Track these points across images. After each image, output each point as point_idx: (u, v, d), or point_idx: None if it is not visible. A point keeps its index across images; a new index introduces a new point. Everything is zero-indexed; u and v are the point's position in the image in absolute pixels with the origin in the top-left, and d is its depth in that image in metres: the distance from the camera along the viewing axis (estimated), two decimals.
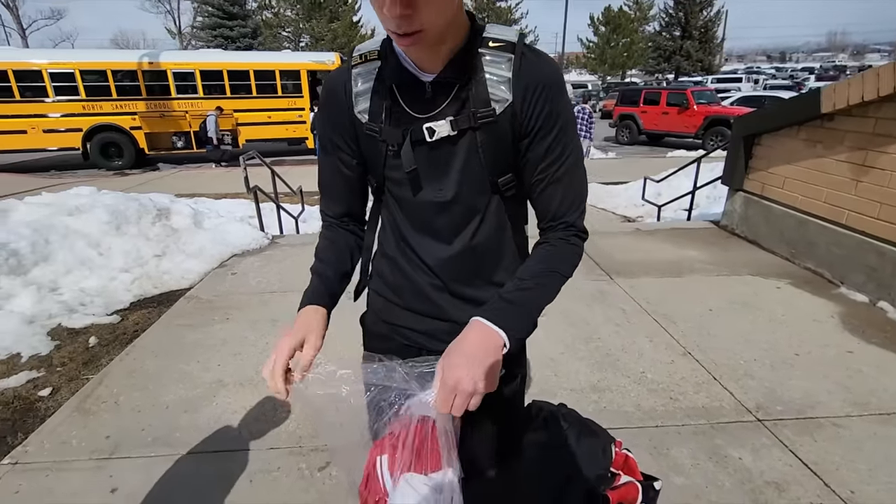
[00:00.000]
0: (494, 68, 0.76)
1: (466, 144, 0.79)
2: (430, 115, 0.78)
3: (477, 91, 0.76)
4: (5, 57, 11.21)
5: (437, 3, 0.64)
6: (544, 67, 0.76)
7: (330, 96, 0.86)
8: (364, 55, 0.82)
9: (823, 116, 3.32)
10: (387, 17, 0.65)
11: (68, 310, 3.05)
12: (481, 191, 0.83)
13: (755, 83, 29.79)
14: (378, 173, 0.86)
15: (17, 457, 1.84)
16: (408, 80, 0.78)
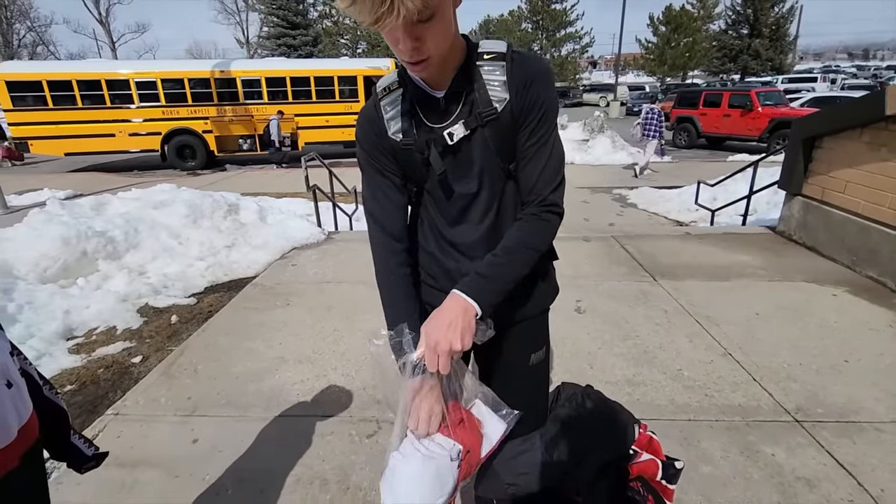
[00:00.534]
0: (491, 75, 0.91)
1: (479, 141, 0.94)
2: (446, 124, 0.93)
3: (480, 96, 0.91)
4: (99, 68, 12.50)
5: (438, 35, 0.79)
6: (532, 64, 0.91)
7: (369, 128, 1.00)
8: (387, 87, 0.98)
9: (888, 118, 3.17)
10: (401, 51, 0.80)
11: (154, 291, 3.46)
12: (498, 178, 0.98)
13: (832, 83, 27.73)
14: (417, 179, 1.02)
15: (118, 409, 2.17)
16: (425, 98, 0.94)
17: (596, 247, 4.17)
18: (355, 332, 2.82)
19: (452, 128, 0.92)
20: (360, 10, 0.73)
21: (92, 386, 2.41)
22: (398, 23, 0.73)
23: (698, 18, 37.99)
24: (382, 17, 0.72)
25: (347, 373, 2.41)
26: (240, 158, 13.52)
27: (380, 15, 0.72)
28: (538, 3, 37.94)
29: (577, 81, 40.37)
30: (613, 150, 12.12)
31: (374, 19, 0.73)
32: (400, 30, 0.76)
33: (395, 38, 0.79)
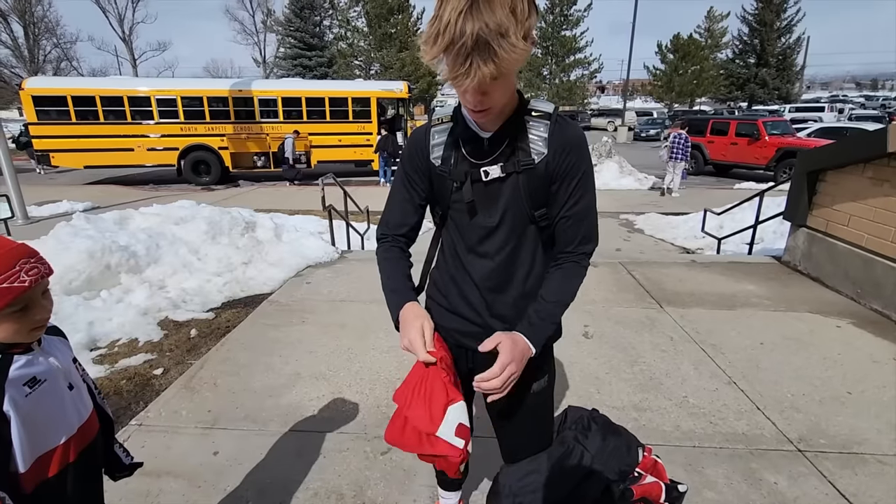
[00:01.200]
0: (535, 131, 1.05)
1: (512, 184, 1.07)
2: (485, 162, 1.07)
3: (522, 146, 1.05)
4: (122, 84, 12.92)
5: (500, 92, 0.93)
6: (571, 132, 1.06)
7: (415, 145, 1.15)
8: (441, 118, 1.13)
9: (891, 155, 3.27)
10: (467, 101, 0.94)
11: (173, 305, 3.57)
12: (521, 219, 1.10)
13: (839, 112, 27.91)
14: (444, 204, 1.15)
15: (141, 420, 2.26)
16: (472, 136, 1.08)
17: (604, 272, 4.25)
18: (368, 351, 2.90)
19: (490, 167, 1.06)
20: (442, 63, 0.86)
21: (115, 396, 2.50)
22: (471, 85, 0.86)
23: (706, 47, 38.58)
24: (459, 77, 0.84)
25: (361, 390, 2.49)
26: (254, 175, 13.80)
27: (457, 75, 0.84)
28: (548, 29, 38.74)
29: (585, 106, 40.89)
30: (621, 175, 12.25)
31: (453, 76, 0.85)
32: (470, 88, 0.88)
33: (462, 91, 0.92)
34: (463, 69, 0.83)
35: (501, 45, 0.81)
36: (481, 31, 0.79)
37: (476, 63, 0.82)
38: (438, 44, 0.83)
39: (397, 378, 2.59)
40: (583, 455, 1.39)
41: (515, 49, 0.83)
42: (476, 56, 0.81)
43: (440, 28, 0.82)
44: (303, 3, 27.17)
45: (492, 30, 0.80)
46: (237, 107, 12.93)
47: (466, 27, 0.80)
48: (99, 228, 4.13)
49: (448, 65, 0.85)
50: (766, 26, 35.76)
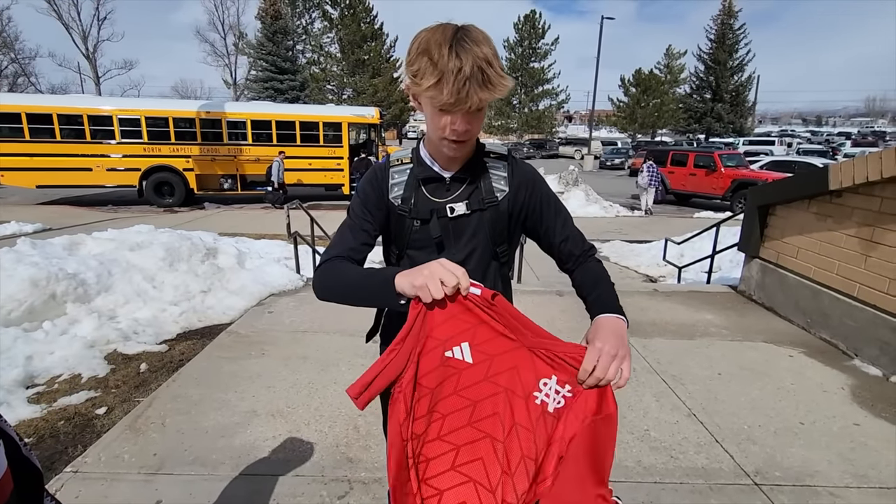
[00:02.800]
0: (495, 171, 1.14)
1: (476, 220, 1.12)
2: (447, 200, 1.11)
3: (485, 185, 1.12)
4: (82, 103, 12.53)
5: (479, 123, 1.02)
6: (527, 168, 1.18)
7: (373, 184, 1.15)
8: (400, 160, 1.16)
9: (832, 192, 3.48)
10: (453, 131, 0.98)
11: (123, 337, 3.39)
12: (484, 254, 1.14)
13: (788, 146, 29.76)
14: (402, 243, 1.15)
15: (77, 466, 2.10)
16: (433, 176, 1.12)
17: (570, 301, 4.30)
18: (330, 385, 2.81)
19: (456, 204, 1.11)
20: (441, 92, 0.91)
21: (51, 440, 2.32)
22: (469, 108, 0.93)
23: (665, 82, 40.74)
24: (459, 102, 0.91)
25: (321, 429, 2.39)
26: (219, 197, 13.49)
27: (457, 99, 0.91)
28: (517, 60, 40.13)
29: (553, 134, 42.20)
30: (587, 203, 12.60)
31: (453, 101, 0.91)
32: (461, 115, 0.96)
33: (449, 121, 0.97)
34: (463, 94, 0.90)
35: (492, 73, 0.91)
36: (474, 61, 0.89)
37: (473, 89, 0.90)
38: (435, 74, 0.90)
39: (358, 415, 2.51)
40: None
41: (504, 78, 0.93)
42: (472, 82, 0.90)
43: (433, 61, 0.90)
44: (276, 28, 27.27)
45: (483, 60, 0.90)
46: (204, 128, 12.71)
47: (461, 58, 0.89)
48: (45, 254, 3.91)
49: (445, 93, 0.91)
50: (720, 64, 38.15)
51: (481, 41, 0.92)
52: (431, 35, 0.92)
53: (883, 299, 3.08)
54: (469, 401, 0.89)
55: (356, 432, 2.37)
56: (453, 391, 0.89)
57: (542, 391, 0.89)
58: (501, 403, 0.89)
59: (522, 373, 0.89)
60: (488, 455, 0.87)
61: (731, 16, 37.72)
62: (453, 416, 0.89)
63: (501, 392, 0.89)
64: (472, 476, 0.86)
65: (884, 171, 3.00)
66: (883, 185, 3.09)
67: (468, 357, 0.89)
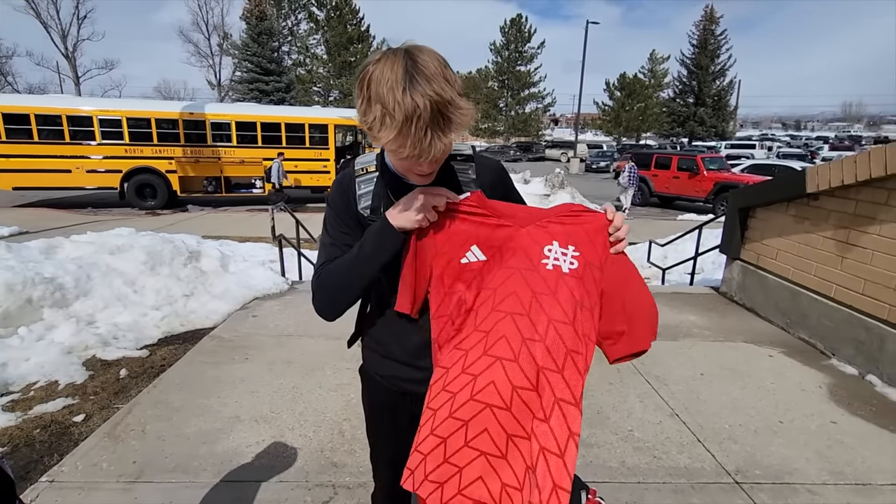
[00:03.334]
0: (463, 174, 1.12)
1: None
2: None
3: (454, 190, 1.07)
4: (61, 103, 12.27)
5: (443, 155, 0.93)
6: (492, 164, 1.18)
7: (341, 195, 1.11)
8: (365, 168, 1.11)
9: (809, 195, 3.56)
10: (415, 176, 0.99)
11: (103, 342, 3.32)
12: None
13: (769, 150, 30.41)
14: None
15: (53, 475, 2.04)
16: (401, 185, 1.06)
17: None
18: (315, 390, 2.79)
19: None
20: (403, 147, 0.84)
21: (26, 449, 2.26)
22: (432, 158, 0.87)
23: (649, 86, 41.35)
24: (423, 153, 0.85)
25: (305, 434, 2.37)
26: (203, 199, 13.31)
27: (419, 152, 0.84)
28: (504, 64, 40.39)
29: (539, 137, 42.51)
30: None
31: (413, 154, 0.85)
32: (424, 164, 0.92)
33: (413, 165, 0.94)
34: (426, 143, 0.83)
35: (452, 111, 0.84)
36: (432, 100, 0.80)
37: (437, 135, 0.83)
38: (395, 122, 0.81)
39: (343, 419, 2.50)
40: None
41: (464, 111, 0.86)
42: (434, 128, 0.82)
43: (390, 108, 0.81)
44: (261, 29, 27.04)
45: (444, 102, 0.82)
46: (188, 129, 12.54)
47: (417, 100, 0.80)
48: (21, 258, 3.82)
49: (405, 145, 0.84)
50: (702, 69, 38.82)
51: (434, 74, 0.82)
52: (380, 73, 0.83)
53: (858, 300, 3.16)
54: (490, 290, 0.99)
55: (341, 437, 2.35)
56: (478, 288, 1.00)
57: (550, 256, 0.99)
58: (516, 282, 0.98)
59: (528, 249, 1.00)
60: (510, 331, 0.94)
61: (713, 21, 38.45)
62: (482, 308, 0.98)
63: (515, 272, 0.98)
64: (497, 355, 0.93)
65: (858, 175, 3.08)
66: (858, 188, 3.18)
67: (480, 256, 1.01)
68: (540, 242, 1.00)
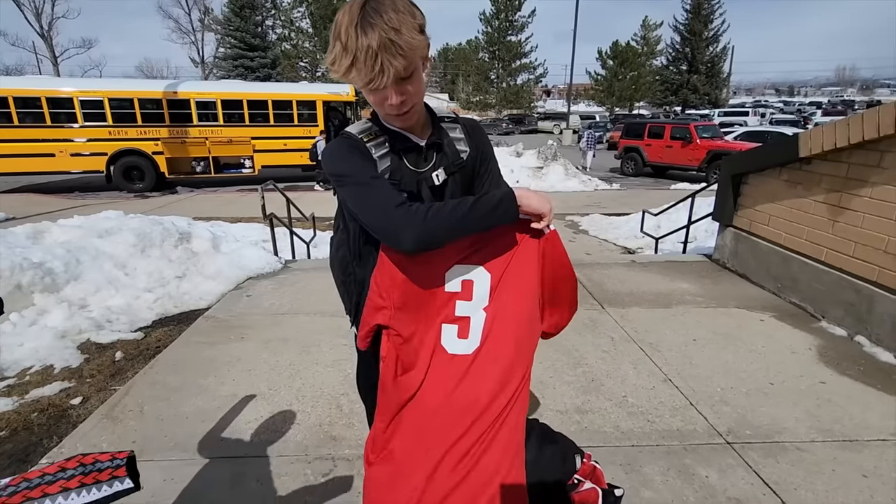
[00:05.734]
0: (454, 133, 1.21)
1: (451, 185, 1.19)
2: (428, 168, 1.15)
3: (450, 149, 1.19)
4: (39, 85, 11.90)
5: (416, 89, 1.02)
6: (476, 124, 1.27)
7: (361, 157, 1.07)
8: (370, 133, 1.12)
9: (802, 160, 3.54)
10: (391, 106, 1.00)
11: (96, 326, 3.30)
12: None
13: (762, 117, 30.22)
14: None
15: (53, 457, 2.06)
16: (411, 146, 1.14)
17: None
18: (311, 366, 2.80)
19: (436, 172, 1.15)
20: (357, 76, 0.93)
21: (24, 432, 2.27)
22: (388, 82, 0.93)
23: (642, 54, 40.67)
24: (375, 78, 0.91)
25: (303, 409, 2.39)
26: (193, 181, 13.11)
27: (373, 76, 0.91)
28: (494, 34, 39.47)
29: (531, 109, 41.94)
30: (566, 178, 12.64)
31: (369, 80, 0.92)
32: (390, 88, 0.96)
33: (382, 98, 0.98)
34: (376, 69, 0.90)
35: (401, 39, 0.90)
36: (381, 33, 0.89)
37: (387, 61, 0.90)
38: (347, 57, 0.91)
39: (341, 393, 2.52)
40: None
41: (414, 39, 0.92)
42: (384, 54, 0.90)
43: (343, 44, 0.91)
44: (243, 2, 26.18)
45: (390, 28, 0.89)
46: (172, 109, 12.25)
47: (368, 34, 0.89)
48: (7, 244, 3.76)
49: (362, 73, 0.92)
50: (695, 35, 38.19)
51: (387, 7, 0.90)
52: (342, 17, 0.92)
53: (849, 262, 3.18)
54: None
55: (339, 411, 2.37)
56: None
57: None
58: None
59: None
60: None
61: None
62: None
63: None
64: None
65: (851, 137, 3.06)
66: (850, 150, 3.16)
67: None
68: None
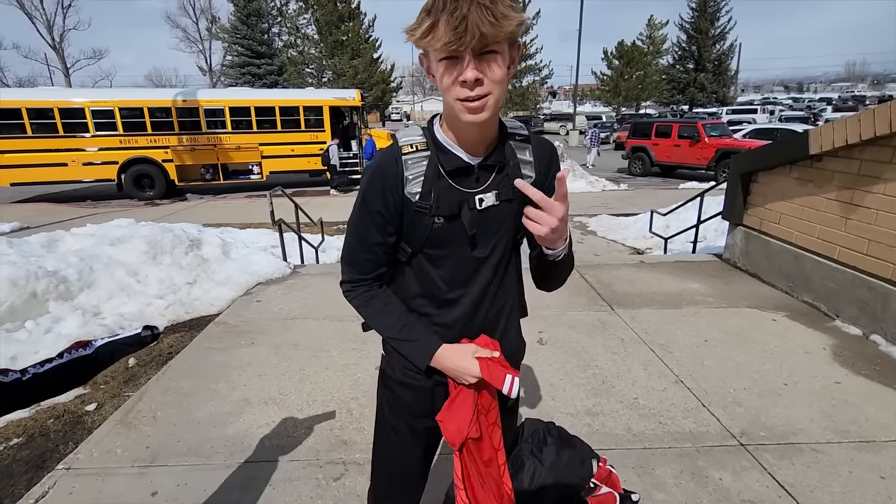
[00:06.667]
0: (522, 155, 1.05)
1: (504, 211, 1.03)
2: (476, 190, 1.00)
3: (513, 172, 1.02)
4: (52, 96, 12.11)
5: (497, 75, 0.86)
6: (547, 147, 1.10)
7: (385, 178, 0.99)
8: (414, 145, 1.00)
9: (812, 157, 3.50)
10: (461, 86, 0.85)
11: (109, 333, 3.34)
12: (506, 251, 1.07)
13: (770, 114, 29.88)
14: (417, 243, 1.02)
15: (69, 463, 2.08)
16: (459, 165, 0.99)
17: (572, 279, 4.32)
18: (321, 371, 2.81)
19: (485, 195, 1.00)
20: (434, 36, 0.82)
21: (41, 438, 2.30)
22: (471, 44, 0.80)
23: (648, 53, 40.43)
24: (458, 36, 0.79)
25: (314, 414, 2.40)
26: (202, 188, 13.24)
27: (456, 36, 0.79)
28: None
29: (537, 111, 41.88)
30: (574, 179, 12.58)
31: (449, 39, 0.80)
32: (469, 58, 0.83)
33: (455, 74, 0.85)
34: (461, 28, 0.79)
35: (495, 6, 0.80)
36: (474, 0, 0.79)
37: (473, 22, 0.79)
38: (430, 17, 0.81)
39: (351, 398, 2.52)
40: (536, 471, 1.38)
41: (509, 12, 0.81)
42: (474, 13, 0.79)
43: (428, 9, 0.82)
44: (249, 10, 26.47)
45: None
46: (181, 117, 12.39)
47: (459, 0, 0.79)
48: (23, 253, 3.82)
49: (440, 31, 0.81)
50: (702, 33, 37.91)
51: None
52: None
53: (862, 260, 3.14)
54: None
55: (349, 415, 2.38)
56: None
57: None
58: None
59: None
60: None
61: None
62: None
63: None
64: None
65: (863, 134, 3.03)
66: (862, 147, 3.12)
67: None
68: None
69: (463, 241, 1.02)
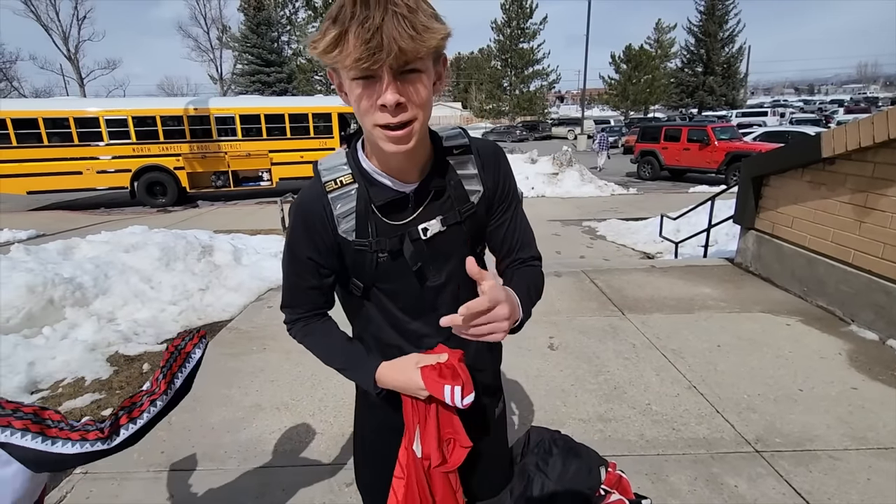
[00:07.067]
0: (463, 170, 0.94)
1: (454, 235, 0.93)
2: (414, 218, 0.90)
3: (456, 192, 0.92)
4: (67, 106, 12.36)
5: (421, 96, 0.76)
6: (490, 150, 0.98)
7: (309, 221, 0.91)
8: (338, 181, 0.89)
9: (825, 160, 3.47)
10: (380, 111, 0.74)
11: (124, 339, 3.39)
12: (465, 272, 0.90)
13: (781, 117, 29.62)
14: (367, 278, 0.95)
15: (87, 468, 2.11)
16: (391, 196, 0.88)
17: (567, 282, 4.32)
18: (333, 376, 2.81)
19: (428, 223, 0.91)
20: (342, 51, 0.69)
21: None
22: (388, 61, 0.69)
23: (656, 57, 40.36)
24: (369, 55, 0.67)
25: (325, 419, 2.42)
26: (213, 195, 13.41)
27: (368, 51, 0.67)
28: (506, 42, 39.66)
29: (545, 115, 41.90)
30: (582, 183, 12.56)
31: (359, 56, 0.68)
32: (387, 79, 0.71)
33: (373, 98, 0.73)
34: (374, 43, 0.66)
35: (415, 16, 0.69)
36: (389, 6, 0.67)
37: (389, 35, 0.67)
38: (335, 28, 0.69)
39: None
40: (543, 485, 1.38)
41: (433, 25, 0.71)
42: (388, 25, 0.67)
43: (334, 18, 0.70)
44: (259, 20, 26.86)
45: (402, 4, 0.68)
46: (193, 125, 12.57)
47: (370, 5, 0.67)
48: (40, 260, 3.90)
49: (350, 46, 0.68)
50: (710, 37, 37.77)
51: None
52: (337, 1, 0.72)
53: (878, 264, 3.10)
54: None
55: None
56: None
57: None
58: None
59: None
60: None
61: None
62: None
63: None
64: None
65: (876, 136, 3.00)
66: (875, 150, 3.09)
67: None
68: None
69: (412, 273, 0.94)
